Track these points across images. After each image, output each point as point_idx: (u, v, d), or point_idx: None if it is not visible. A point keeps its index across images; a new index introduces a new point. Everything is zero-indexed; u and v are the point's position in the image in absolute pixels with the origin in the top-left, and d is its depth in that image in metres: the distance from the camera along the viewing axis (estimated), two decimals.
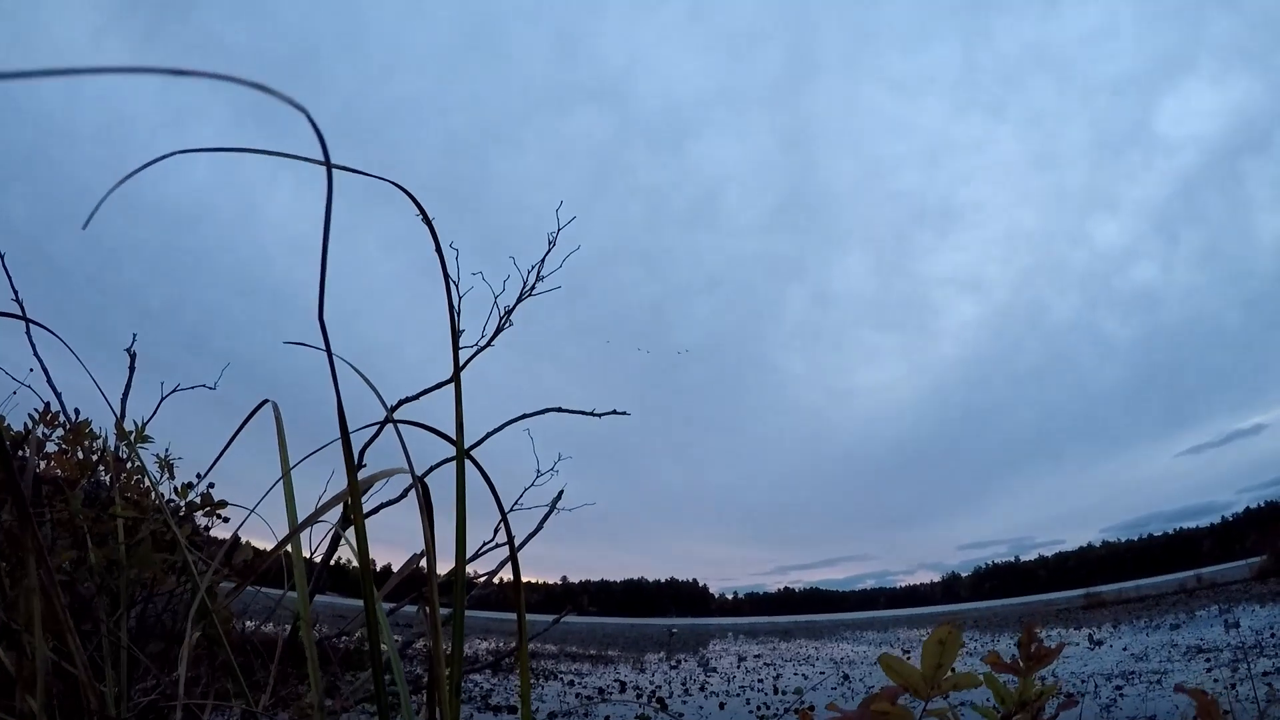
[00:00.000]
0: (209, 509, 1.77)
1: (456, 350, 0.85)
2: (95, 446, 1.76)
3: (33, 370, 2.15)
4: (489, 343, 3.16)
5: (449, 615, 0.85)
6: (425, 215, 0.80)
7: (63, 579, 1.35)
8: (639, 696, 8.64)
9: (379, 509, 2.68)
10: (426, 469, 1.91)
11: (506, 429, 2.80)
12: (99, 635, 1.22)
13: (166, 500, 1.76)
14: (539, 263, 3.28)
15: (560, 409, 3.06)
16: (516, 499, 3.15)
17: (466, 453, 0.79)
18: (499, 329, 3.19)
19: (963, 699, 1.17)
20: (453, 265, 2.81)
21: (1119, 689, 6.72)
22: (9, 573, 1.13)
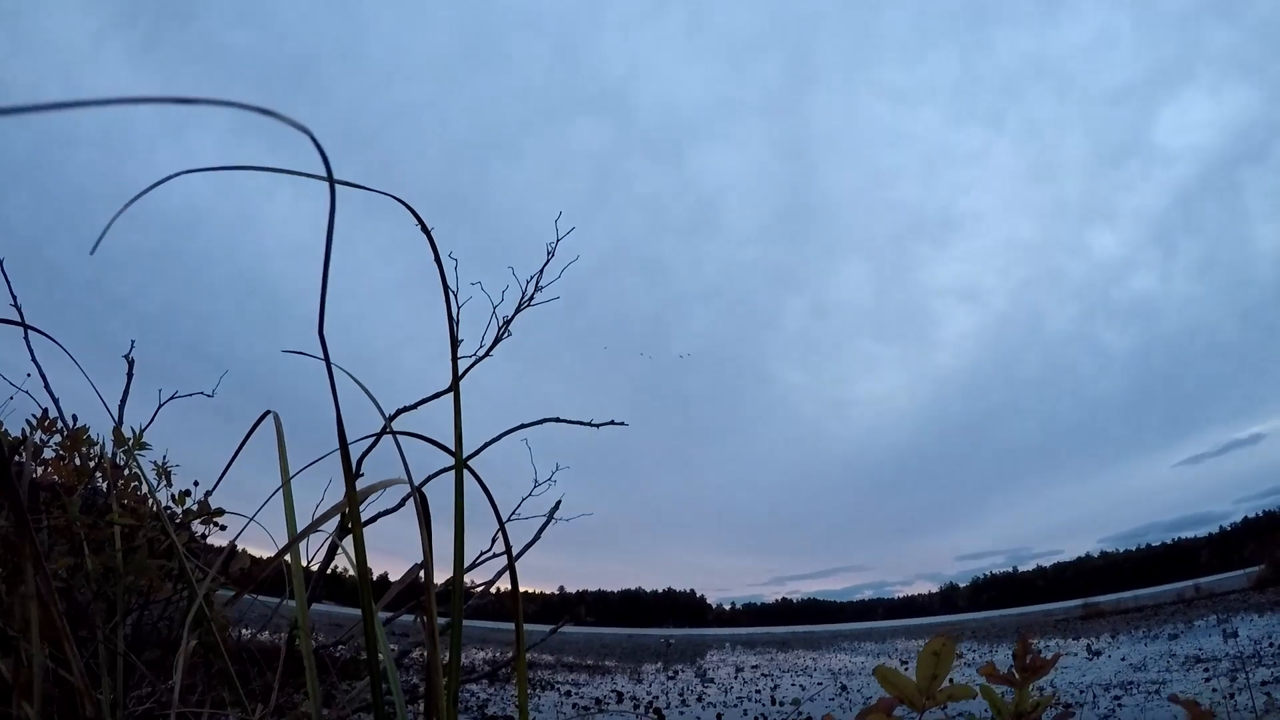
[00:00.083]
0: (206, 517, 1.77)
1: (455, 360, 0.86)
2: (93, 453, 1.76)
3: (30, 375, 2.14)
4: (487, 353, 3.17)
5: (446, 624, 0.85)
6: (424, 226, 0.81)
7: (59, 585, 1.34)
8: (636, 707, 8.59)
9: (377, 518, 2.68)
10: (424, 478, 1.91)
11: (505, 439, 2.80)
12: (95, 642, 1.22)
13: (164, 507, 1.76)
14: (538, 273, 3.29)
15: (558, 419, 3.06)
16: (514, 509, 3.14)
17: (464, 463, 0.80)
18: (498, 339, 3.20)
19: (960, 710, 1.17)
20: (452, 275, 2.82)
21: (1117, 699, 6.70)
22: (6, 579, 1.13)
